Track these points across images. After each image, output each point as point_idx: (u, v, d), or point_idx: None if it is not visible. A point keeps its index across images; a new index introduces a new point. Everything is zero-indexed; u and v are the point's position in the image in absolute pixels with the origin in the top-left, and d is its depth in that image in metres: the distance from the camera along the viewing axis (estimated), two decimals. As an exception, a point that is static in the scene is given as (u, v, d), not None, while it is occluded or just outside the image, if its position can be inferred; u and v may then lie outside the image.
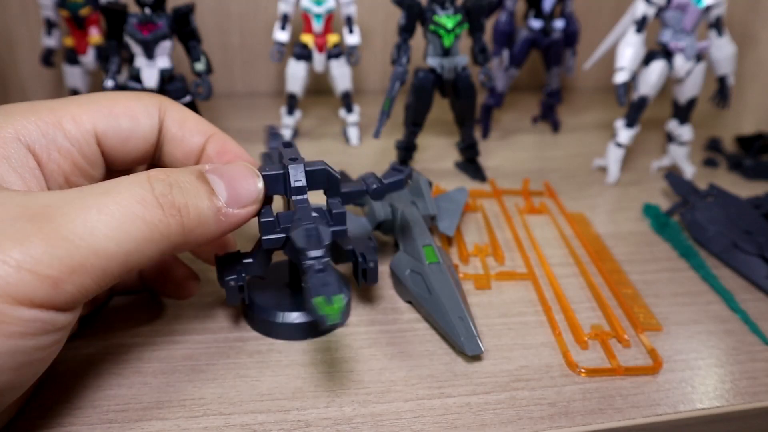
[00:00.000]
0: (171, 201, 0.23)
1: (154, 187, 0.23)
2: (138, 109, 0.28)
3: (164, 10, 0.46)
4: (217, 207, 0.25)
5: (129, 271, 0.23)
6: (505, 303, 0.35)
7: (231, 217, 0.26)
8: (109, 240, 0.21)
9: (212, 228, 0.25)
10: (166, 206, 0.23)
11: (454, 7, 0.46)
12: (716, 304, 0.36)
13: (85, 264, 0.21)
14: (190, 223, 0.24)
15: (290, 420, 0.27)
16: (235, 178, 0.26)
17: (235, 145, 0.31)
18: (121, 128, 0.28)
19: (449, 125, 0.53)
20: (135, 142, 0.28)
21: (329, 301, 0.24)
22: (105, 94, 0.28)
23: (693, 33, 0.48)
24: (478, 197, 0.48)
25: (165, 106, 0.29)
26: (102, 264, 0.21)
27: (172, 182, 0.24)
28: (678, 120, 0.52)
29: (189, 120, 0.30)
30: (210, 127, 0.31)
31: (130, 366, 0.29)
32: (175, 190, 0.24)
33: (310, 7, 0.52)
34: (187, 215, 0.24)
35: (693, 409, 0.29)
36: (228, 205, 0.26)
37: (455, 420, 0.27)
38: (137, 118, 0.28)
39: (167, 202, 0.23)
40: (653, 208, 0.46)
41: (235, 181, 0.26)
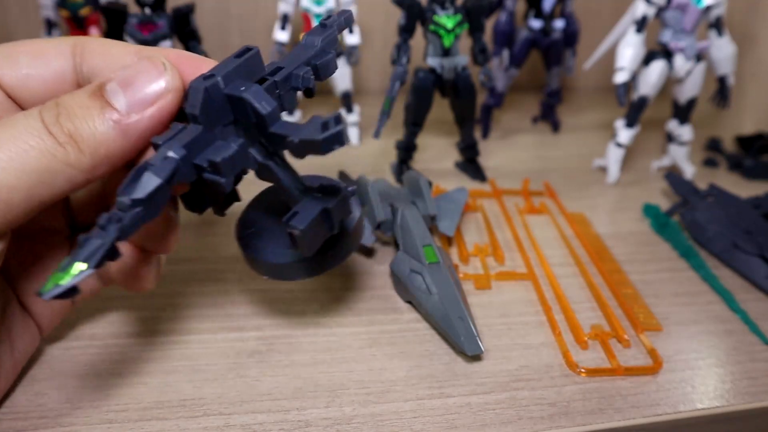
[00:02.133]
0: (60, 129, 0.22)
1: (44, 116, 0.22)
2: (45, 47, 0.26)
3: (164, 11, 0.46)
4: (113, 120, 0.23)
5: (40, 204, 0.22)
6: (505, 303, 0.35)
7: (135, 125, 0.23)
8: (4, 172, 0.21)
9: (119, 143, 0.23)
10: (58, 134, 0.22)
11: (454, 7, 0.46)
12: (716, 304, 0.36)
13: None
14: (88, 146, 0.23)
15: (290, 420, 0.27)
16: (133, 79, 0.24)
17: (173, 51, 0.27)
18: (19, 66, 0.25)
19: (449, 125, 0.53)
20: (40, 81, 0.26)
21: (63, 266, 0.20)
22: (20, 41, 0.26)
23: (693, 33, 0.48)
24: (478, 197, 0.48)
25: (82, 42, 0.26)
26: (3, 197, 0.21)
27: (60, 110, 0.23)
28: (678, 120, 0.52)
29: (113, 47, 0.26)
30: (135, 47, 0.27)
31: (130, 366, 0.29)
32: (63, 116, 0.23)
33: (310, 7, 0.52)
34: (81, 138, 0.23)
35: (693, 409, 0.29)
36: (129, 112, 0.23)
37: (455, 420, 0.27)
38: (43, 56, 0.26)
39: (57, 130, 0.22)
40: (653, 208, 0.46)
41: (133, 82, 0.24)
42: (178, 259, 0.37)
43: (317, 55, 0.26)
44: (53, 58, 0.26)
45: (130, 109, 0.23)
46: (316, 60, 0.26)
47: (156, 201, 0.22)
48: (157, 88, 0.24)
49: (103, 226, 0.21)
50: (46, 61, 0.26)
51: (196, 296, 0.34)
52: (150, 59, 0.24)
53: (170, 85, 0.24)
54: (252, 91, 0.23)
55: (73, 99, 0.23)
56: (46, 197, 0.22)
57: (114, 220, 0.21)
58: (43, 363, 0.29)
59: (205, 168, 0.23)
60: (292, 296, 0.35)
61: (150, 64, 0.24)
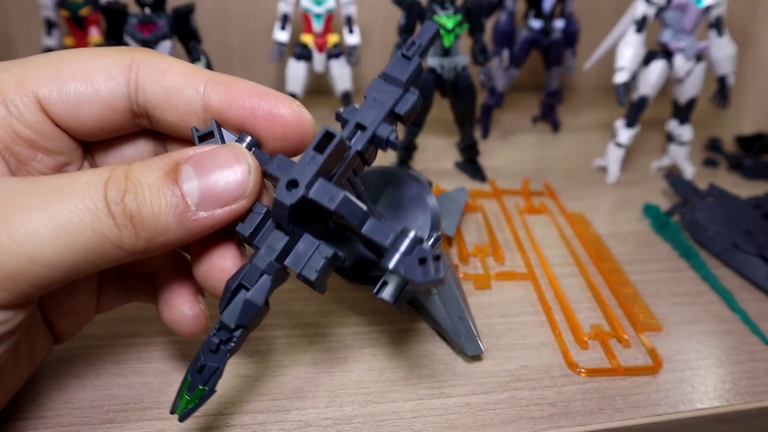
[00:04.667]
0: (123, 209, 0.20)
1: (108, 192, 0.20)
2: (93, 69, 0.23)
3: (164, 11, 0.46)
4: (180, 212, 0.21)
5: (79, 277, 0.21)
6: (505, 303, 0.35)
7: (201, 222, 0.22)
8: (51, 248, 0.19)
9: (179, 235, 0.22)
10: (118, 215, 0.20)
11: (454, 7, 0.46)
12: (716, 304, 0.36)
13: (22, 271, 0.19)
14: (147, 233, 0.21)
15: (290, 420, 0.27)
16: (210, 171, 0.22)
17: (246, 84, 0.24)
18: (68, 92, 0.23)
19: (449, 125, 0.53)
20: (90, 108, 0.23)
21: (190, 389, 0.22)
22: (69, 51, 0.24)
23: (693, 33, 0.48)
24: (478, 197, 0.48)
25: (137, 63, 0.24)
26: (42, 272, 0.20)
27: (128, 186, 0.21)
28: (678, 120, 0.52)
29: (171, 72, 0.24)
30: (203, 73, 0.24)
31: (130, 366, 0.29)
32: (129, 196, 0.21)
33: (310, 7, 0.52)
34: (141, 224, 0.21)
35: (693, 409, 0.29)
36: (199, 207, 0.22)
37: (455, 420, 0.27)
38: (91, 80, 0.23)
39: (119, 211, 0.20)
40: (653, 208, 0.46)
41: (210, 175, 0.22)
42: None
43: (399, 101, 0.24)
44: (104, 84, 0.23)
45: (201, 205, 0.22)
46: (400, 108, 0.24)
47: (258, 320, 0.23)
48: (234, 187, 0.22)
49: (215, 350, 0.22)
50: (95, 86, 0.23)
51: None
52: (234, 150, 0.22)
53: (247, 191, 0.22)
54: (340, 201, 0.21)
55: (144, 176, 0.21)
56: (87, 272, 0.21)
57: (224, 341, 0.22)
58: (44, 363, 0.29)
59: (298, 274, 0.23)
60: (292, 296, 0.35)
61: (233, 157, 0.22)
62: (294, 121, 0.24)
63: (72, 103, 0.23)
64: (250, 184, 0.22)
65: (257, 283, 0.22)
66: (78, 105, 0.23)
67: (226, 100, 0.24)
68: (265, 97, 0.24)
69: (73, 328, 0.27)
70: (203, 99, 0.24)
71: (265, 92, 0.24)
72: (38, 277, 0.20)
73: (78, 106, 0.23)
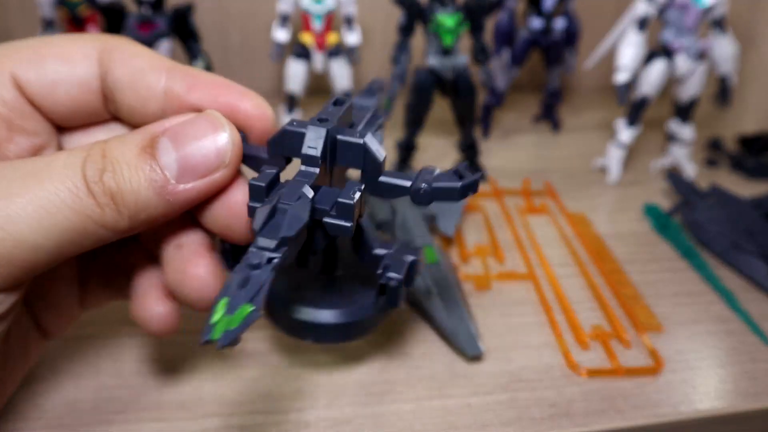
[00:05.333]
0: (102, 187, 0.20)
1: (86, 171, 0.20)
2: (72, 50, 0.23)
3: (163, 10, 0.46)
4: (159, 186, 0.21)
5: (65, 258, 0.21)
6: (505, 303, 0.35)
7: (182, 194, 0.21)
8: (34, 231, 0.20)
9: (161, 210, 0.21)
10: (98, 194, 0.20)
11: (454, 6, 0.46)
12: (717, 305, 0.36)
13: (7, 256, 0.19)
14: (128, 209, 0.21)
15: (290, 420, 0.27)
16: (188, 140, 0.21)
17: (211, 76, 0.24)
18: (46, 72, 0.23)
19: (449, 125, 0.53)
20: (67, 88, 0.23)
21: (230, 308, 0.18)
22: (42, 38, 0.24)
23: (694, 32, 0.48)
24: (478, 197, 0.47)
25: (110, 45, 0.24)
26: (28, 255, 0.20)
27: (105, 164, 0.21)
28: (679, 120, 0.51)
29: (138, 56, 0.24)
30: (168, 62, 0.24)
31: (129, 366, 0.29)
32: (108, 174, 0.20)
33: (309, 6, 0.52)
34: (122, 201, 0.21)
35: (694, 410, 0.29)
36: (179, 180, 0.21)
37: (455, 421, 0.27)
38: (70, 60, 0.23)
39: (99, 190, 0.20)
40: (654, 209, 0.46)
41: (187, 144, 0.21)
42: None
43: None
44: (80, 63, 0.24)
45: (180, 177, 0.21)
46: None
47: (299, 240, 0.21)
48: (213, 155, 0.22)
49: (256, 266, 0.19)
50: (72, 67, 0.23)
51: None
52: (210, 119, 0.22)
53: (226, 159, 0.22)
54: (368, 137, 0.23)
55: (121, 153, 0.21)
56: (73, 254, 0.21)
57: (266, 260, 0.20)
58: (42, 363, 0.29)
59: (328, 212, 0.22)
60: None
61: (210, 125, 0.22)
62: (256, 113, 0.24)
63: (49, 81, 0.23)
64: (228, 153, 0.22)
65: (299, 202, 0.21)
66: (55, 84, 0.23)
67: (188, 87, 0.24)
68: (228, 88, 0.24)
69: (60, 324, 0.27)
70: (165, 84, 0.24)
71: (228, 84, 0.24)
72: (24, 261, 0.20)
73: (55, 85, 0.23)
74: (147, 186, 0.21)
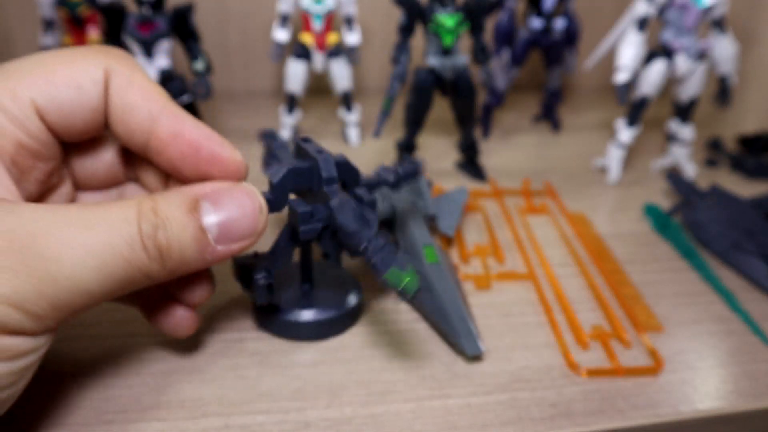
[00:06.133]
0: (155, 243, 0.22)
1: (142, 226, 0.22)
2: (81, 76, 0.24)
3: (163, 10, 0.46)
4: (203, 246, 0.23)
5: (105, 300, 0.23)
6: (505, 303, 0.35)
7: (218, 255, 0.24)
8: (92, 280, 0.21)
9: (198, 265, 0.24)
10: (150, 248, 0.22)
11: (454, 6, 0.46)
12: (717, 305, 0.36)
13: (68, 303, 0.21)
14: (172, 263, 0.23)
15: (290, 420, 0.27)
16: (227, 208, 0.24)
17: (195, 122, 0.25)
18: (62, 100, 0.24)
19: (449, 125, 0.53)
20: (81, 113, 0.25)
21: (403, 268, 0.25)
22: (46, 56, 0.24)
23: (694, 32, 0.48)
24: (478, 197, 0.47)
25: (110, 69, 0.25)
26: (83, 301, 0.21)
27: (159, 222, 0.22)
28: (679, 120, 0.51)
29: (134, 87, 0.25)
30: (160, 98, 0.25)
31: (130, 366, 0.29)
32: (161, 231, 0.22)
33: (309, 6, 0.52)
34: (169, 258, 0.23)
35: (694, 410, 0.29)
36: (217, 242, 0.24)
37: (456, 421, 0.27)
38: (81, 86, 0.24)
39: (152, 245, 0.22)
40: (654, 209, 0.46)
41: (230, 213, 0.24)
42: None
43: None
44: (91, 89, 0.24)
45: (219, 240, 0.24)
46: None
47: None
48: (250, 227, 0.24)
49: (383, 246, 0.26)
50: (86, 95, 0.24)
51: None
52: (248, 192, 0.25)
53: (258, 229, 0.25)
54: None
55: (171, 212, 0.23)
56: (112, 298, 0.23)
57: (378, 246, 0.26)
58: (43, 363, 0.29)
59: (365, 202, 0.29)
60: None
61: (247, 197, 0.25)
62: (234, 166, 0.26)
63: (67, 110, 0.24)
64: (260, 223, 0.25)
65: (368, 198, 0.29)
66: (72, 112, 0.24)
67: (174, 133, 0.25)
68: (210, 139, 0.25)
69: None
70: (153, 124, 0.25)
71: (210, 134, 0.25)
72: (78, 306, 0.21)
73: (72, 113, 0.24)
74: (193, 245, 0.23)
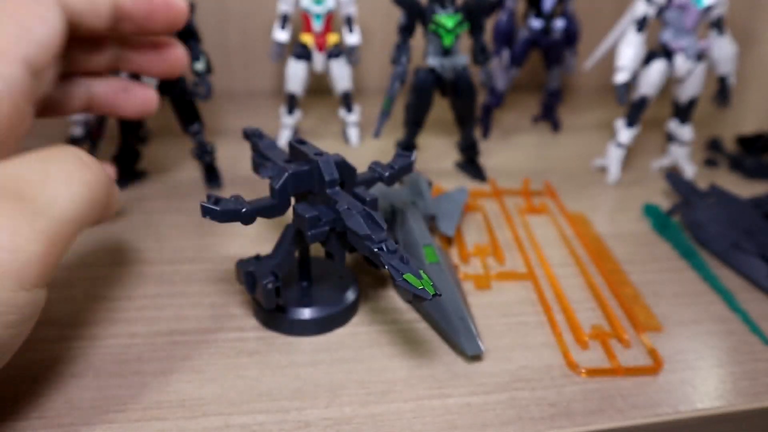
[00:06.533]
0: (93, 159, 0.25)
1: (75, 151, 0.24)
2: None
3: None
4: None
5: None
6: (505, 303, 0.35)
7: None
8: (69, 205, 0.22)
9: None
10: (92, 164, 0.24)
11: (454, 7, 0.46)
12: (717, 304, 0.36)
13: (60, 233, 0.22)
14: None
15: (290, 420, 0.27)
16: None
17: None
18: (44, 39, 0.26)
19: (449, 125, 0.53)
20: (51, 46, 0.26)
21: (418, 276, 0.25)
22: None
23: (694, 33, 0.48)
24: (478, 197, 0.48)
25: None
26: (68, 230, 0.22)
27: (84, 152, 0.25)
28: (678, 120, 0.52)
29: None
30: None
31: (130, 366, 0.29)
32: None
33: (309, 6, 0.52)
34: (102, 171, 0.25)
35: (694, 410, 0.29)
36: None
37: (455, 420, 0.27)
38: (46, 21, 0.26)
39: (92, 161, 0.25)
40: (654, 208, 0.46)
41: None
42: (178, 259, 0.37)
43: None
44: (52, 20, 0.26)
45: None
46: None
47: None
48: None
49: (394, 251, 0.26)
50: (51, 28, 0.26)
51: (196, 296, 0.34)
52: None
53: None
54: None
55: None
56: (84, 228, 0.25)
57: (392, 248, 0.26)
58: (43, 363, 0.29)
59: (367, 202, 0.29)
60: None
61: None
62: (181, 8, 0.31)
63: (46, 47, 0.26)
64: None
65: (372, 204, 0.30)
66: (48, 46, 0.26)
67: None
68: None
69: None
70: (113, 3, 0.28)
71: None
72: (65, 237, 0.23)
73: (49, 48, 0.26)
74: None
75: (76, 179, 0.23)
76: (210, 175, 0.47)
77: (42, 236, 0.21)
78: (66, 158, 0.24)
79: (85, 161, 0.24)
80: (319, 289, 0.33)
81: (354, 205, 0.28)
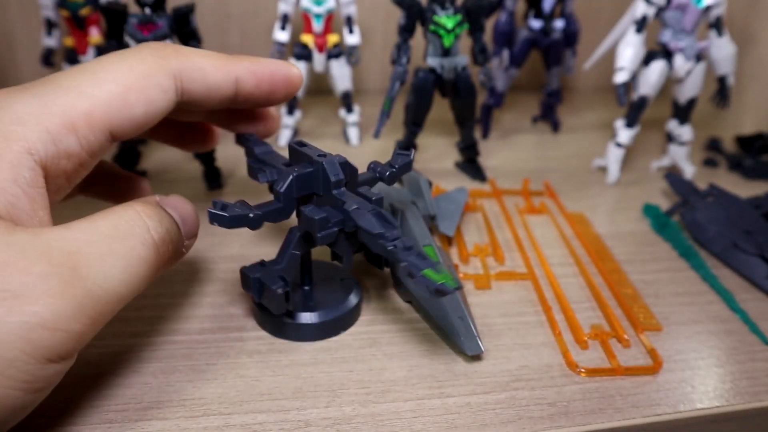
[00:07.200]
0: (162, 238, 0.25)
1: (149, 225, 0.24)
2: (153, 92, 0.25)
3: (164, 10, 0.46)
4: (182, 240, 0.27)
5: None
6: (505, 303, 0.35)
7: (187, 248, 0.28)
8: (122, 285, 0.23)
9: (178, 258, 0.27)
10: (160, 244, 0.25)
11: (454, 7, 0.46)
12: (716, 304, 0.36)
13: (105, 312, 0.22)
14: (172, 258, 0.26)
15: (290, 420, 0.27)
16: (185, 211, 0.27)
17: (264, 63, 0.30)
18: (135, 118, 0.25)
19: (449, 125, 0.53)
20: (146, 122, 0.26)
21: (437, 270, 0.25)
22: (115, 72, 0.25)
23: (693, 33, 0.48)
24: (478, 197, 0.48)
25: (178, 71, 0.26)
26: (115, 308, 0.23)
27: (160, 219, 0.25)
28: (678, 120, 0.52)
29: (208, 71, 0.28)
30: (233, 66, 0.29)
31: (130, 366, 0.29)
32: (163, 227, 0.25)
33: (310, 7, 0.52)
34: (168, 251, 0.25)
35: (693, 409, 0.29)
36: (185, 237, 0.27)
37: (455, 420, 0.27)
38: (152, 101, 0.26)
39: (160, 240, 0.25)
40: (653, 208, 0.46)
41: (185, 214, 0.27)
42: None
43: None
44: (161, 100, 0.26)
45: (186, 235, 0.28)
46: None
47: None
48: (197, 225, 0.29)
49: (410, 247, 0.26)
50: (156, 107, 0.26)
51: (196, 296, 0.34)
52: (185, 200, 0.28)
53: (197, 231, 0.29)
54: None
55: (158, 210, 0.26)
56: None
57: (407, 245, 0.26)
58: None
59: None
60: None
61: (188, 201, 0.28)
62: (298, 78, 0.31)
63: (139, 125, 0.26)
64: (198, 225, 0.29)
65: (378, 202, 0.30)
66: (142, 125, 0.26)
67: (256, 84, 0.30)
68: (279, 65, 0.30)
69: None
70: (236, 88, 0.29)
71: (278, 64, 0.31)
72: (112, 313, 0.23)
73: (142, 126, 0.26)
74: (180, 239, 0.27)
75: (136, 259, 0.23)
76: (210, 176, 0.47)
77: (85, 318, 0.21)
78: (132, 233, 0.23)
79: (153, 239, 0.24)
80: (323, 293, 0.33)
81: (363, 205, 0.28)
